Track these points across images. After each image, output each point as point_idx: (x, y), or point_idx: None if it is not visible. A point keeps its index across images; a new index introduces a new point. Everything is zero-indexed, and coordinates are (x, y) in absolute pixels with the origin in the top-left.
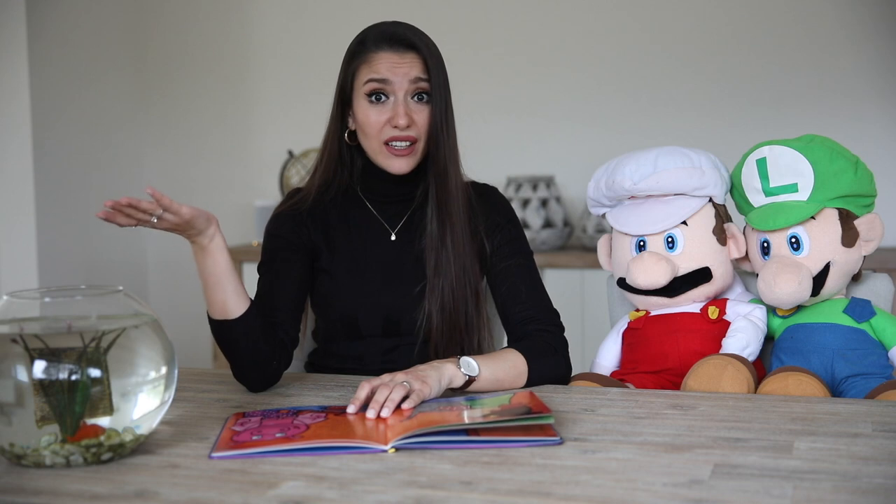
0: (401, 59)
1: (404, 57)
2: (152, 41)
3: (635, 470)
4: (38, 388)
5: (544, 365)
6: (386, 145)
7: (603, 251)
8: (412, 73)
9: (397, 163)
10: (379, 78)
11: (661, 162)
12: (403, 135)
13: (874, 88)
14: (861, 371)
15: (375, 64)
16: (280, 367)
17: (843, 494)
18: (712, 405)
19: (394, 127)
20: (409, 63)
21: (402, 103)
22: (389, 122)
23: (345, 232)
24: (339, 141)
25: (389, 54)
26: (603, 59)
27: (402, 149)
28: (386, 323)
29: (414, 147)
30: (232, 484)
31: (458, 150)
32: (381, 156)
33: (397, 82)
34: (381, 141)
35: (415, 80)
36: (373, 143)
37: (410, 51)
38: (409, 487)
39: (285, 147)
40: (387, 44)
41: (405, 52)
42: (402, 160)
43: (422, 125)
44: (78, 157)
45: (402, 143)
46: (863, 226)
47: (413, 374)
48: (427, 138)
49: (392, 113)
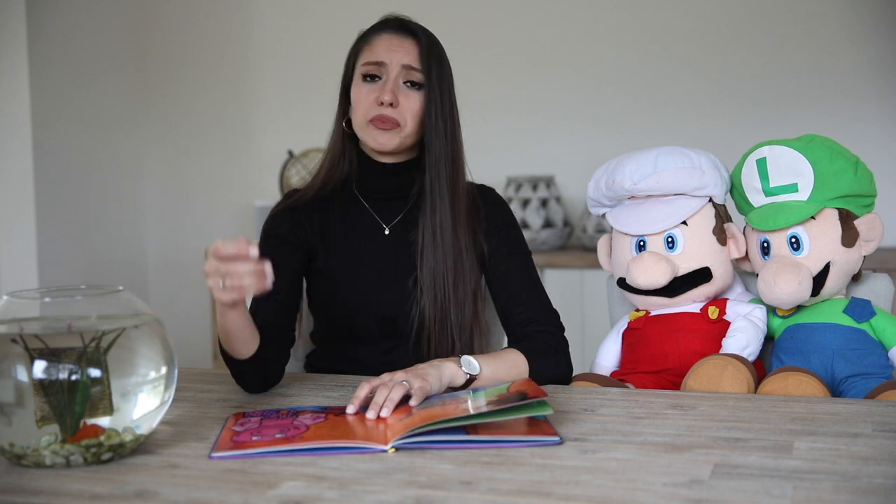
0: (399, 43)
1: (403, 42)
2: (152, 41)
3: (635, 470)
4: (38, 388)
5: (545, 365)
6: (371, 122)
7: (603, 251)
8: (406, 59)
9: (381, 136)
10: (375, 60)
11: (661, 162)
12: (387, 113)
13: (874, 88)
14: (861, 371)
15: (374, 45)
16: (280, 370)
17: (843, 494)
18: (712, 405)
19: (379, 104)
20: (405, 49)
21: (392, 83)
22: (376, 101)
23: (341, 230)
24: (342, 132)
25: (389, 36)
26: (603, 59)
27: (385, 125)
28: (382, 322)
29: (398, 128)
30: (232, 484)
31: (462, 153)
32: (366, 131)
33: (390, 64)
34: (367, 118)
35: (407, 67)
36: (360, 120)
37: (410, 37)
38: (409, 487)
39: (285, 147)
40: (391, 26)
41: (404, 37)
42: (385, 134)
43: (408, 110)
44: (78, 157)
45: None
46: (863, 226)
47: (413, 373)
48: (415, 125)
49: (380, 91)
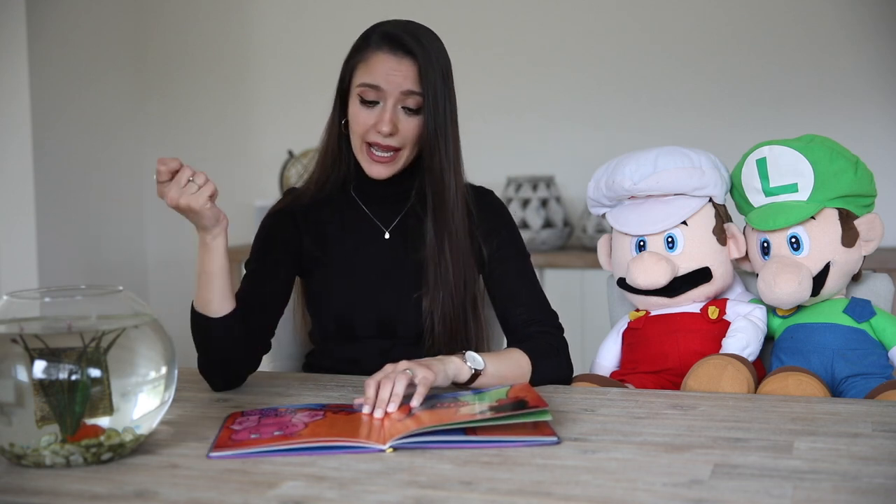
0: (397, 66)
1: (401, 63)
2: (152, 41)
3: (635, 470)
4: (38, 388)
5: (547, 366)
6: (368, 147)
7: (603, 251)
8: (405, 84)
9: (376, 168)
10: (372, 84)
11: (661, 162)
12: (385, 143)
13: (874, 88)
14: (861, 371)
15: (372, 66)
16: (245, 374)
17: (843, 494)
18: (712, 405)
19: (377, 132)
20: (403, 72)
21: (390, 111)
22: (374, 127)
23: (339, 233)
24: (338, 133)
25: (387, 57)
26: (603, 59)
27: (383, 157)
28: (381, 324)
29: (396, 155)
30: (232, 484)
31: (461, 157)
32: (362, 156)
33: (389, 90)
34: (364, 141)
35: (406, 93)
36: (356, 141)
37: (408, 57)
38: (409, 487)
39: (285, 147)
40: (388, 45)
41: (403, 56)
42: (381, 167)
43: (407, 135)
44: (78, 157)
45: (383, 153)
46: (863, 226)
47: (417, 362)
48: (413, 147)
49: (378, 119)
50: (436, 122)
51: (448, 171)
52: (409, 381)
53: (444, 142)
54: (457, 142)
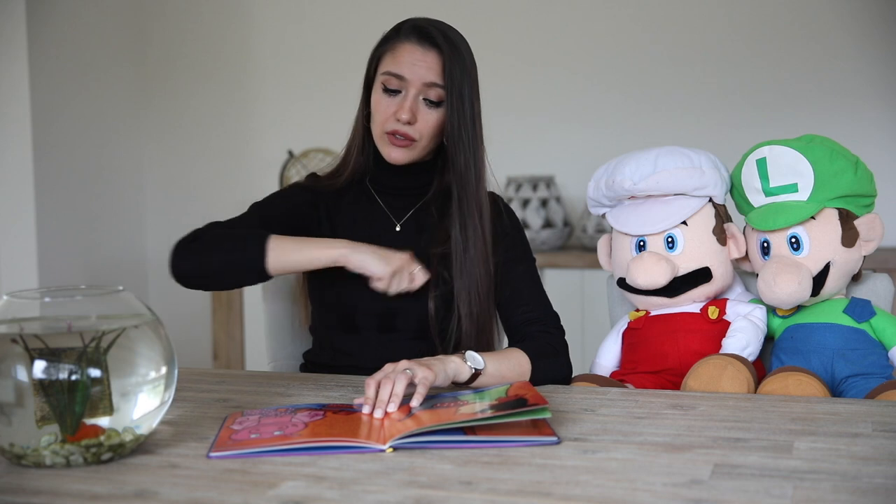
0: (422, 56)
1: (426, 54)
2: (152, 41)
3: (635, 470)
4: (38, 388)
5: (547, 366)
6: (388, 134)
7: (603, 251)
8: (428, 76)
9: (394, 152)
10: (396, 73)
11: (661, 162)
12: (403, 130)
13: (874, 88)
14: (861, 371)
15: (398, 55)
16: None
17: (843, 494)
18: (712, 405)
19: (397, 120)
20: (427, 63)
21: (412, 100)
22: (394, 115)
23: (350, 222)
24: (363, 126)
25: (414, 47)
26: (603, 59)
27: (401, 140)
28: (382, 317)
29: (412, 144)
30: (232, 484)
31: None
32: (382, 142)
33: (411, 80)
34: (384, 129)
35: (429, 84)
36: (377, 129)
37: (433, 49)
38: (409, 487)
39: (285, 147)
40: (416, 36)
41: (429, 48)
42: (399, 151)
43: (425, 128)
44: (78, 157)
45: (400, 137)
46: (863, 226)
47: (416, 362)
48: (431, 140)
49: (398, 107)
50: (459, 118)
51: (473, 168)
52: (409, 380)
53: (468, 139)
54: (481, 142)
